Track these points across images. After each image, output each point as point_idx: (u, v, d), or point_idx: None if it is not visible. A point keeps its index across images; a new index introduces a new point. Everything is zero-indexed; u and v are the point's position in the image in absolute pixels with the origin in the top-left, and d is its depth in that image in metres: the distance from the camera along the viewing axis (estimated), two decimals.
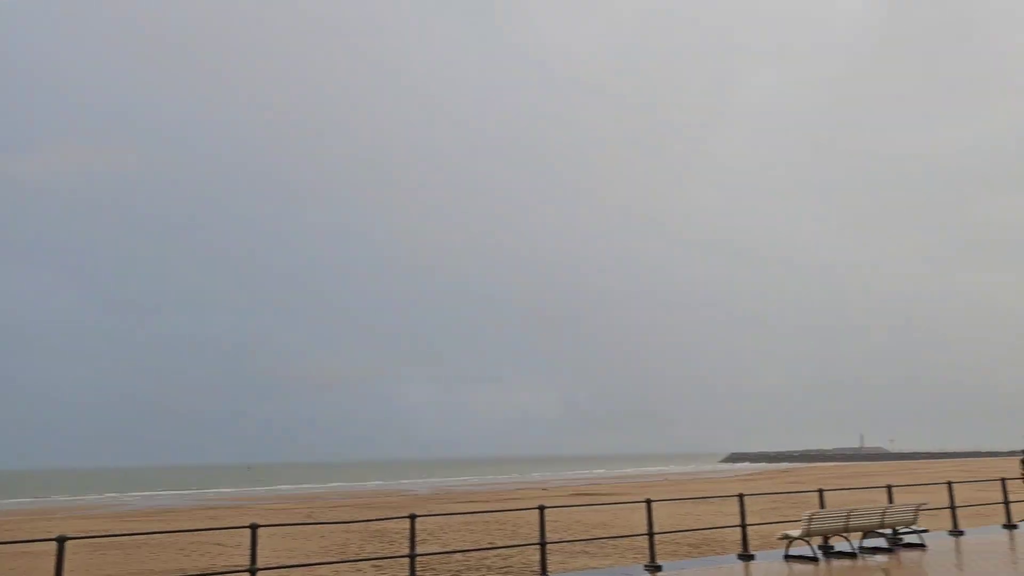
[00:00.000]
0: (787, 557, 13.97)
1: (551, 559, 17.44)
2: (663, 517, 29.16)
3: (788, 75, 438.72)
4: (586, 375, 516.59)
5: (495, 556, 19.44)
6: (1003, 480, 18.97)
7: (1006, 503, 18.36)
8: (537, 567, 12.71)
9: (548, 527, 13.29)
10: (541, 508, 12.73)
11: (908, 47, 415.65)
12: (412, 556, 11.63)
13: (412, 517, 11.80)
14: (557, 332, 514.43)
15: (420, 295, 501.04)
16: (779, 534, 14.59)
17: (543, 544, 12.44)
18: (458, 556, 19.43)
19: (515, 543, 22.05)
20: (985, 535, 16.88)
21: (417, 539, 11.98)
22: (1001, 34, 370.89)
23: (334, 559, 19.63)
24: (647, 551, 13.54)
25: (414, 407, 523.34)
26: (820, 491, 16.33)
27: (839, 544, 14.80)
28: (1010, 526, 17.81)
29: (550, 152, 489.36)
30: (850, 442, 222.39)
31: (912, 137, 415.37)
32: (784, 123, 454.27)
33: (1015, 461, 18.54)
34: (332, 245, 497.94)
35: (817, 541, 14.59)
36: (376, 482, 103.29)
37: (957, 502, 17.60)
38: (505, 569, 17.59)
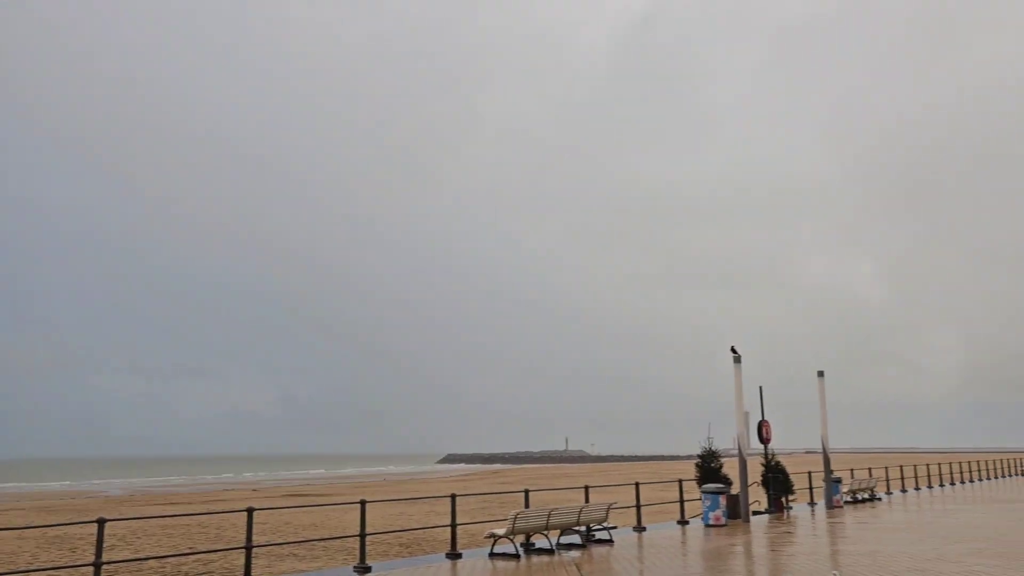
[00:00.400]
0: (492, 555, 14.57)
1: (257, 563, 16.71)
2: (377, 518, 29.19)
3: (528, 95, 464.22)
4: (308, 372, 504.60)
5: (195, 561, 18.24)
6: (680, 481, 21.36)
7: (681, 502, 20.70)
8: (241, 572, 12.09)
9: (256, 530, 12.71)
10: (249, 510, 12.13)
11: (638, 85, 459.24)
12: (97, 565, 10.51)
13: (100, 521, 10.68)
14: (279, 327, 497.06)
15: (123, 279, 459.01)
16: (486, 533, 15.20)
17: (248, 548, 11.86)
18: (152, 563, 17.97)
19: (218, 547, 20.85)
20: (663, 530, 18.87)
21: (105, 545, 10.86)
22: (714, 89, 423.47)
23: None
24: (358, 552, 13.44)
25: (112, 400, 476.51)
26: (526, 491, 17.26)
27: (540, 541, 15.74)
28: (683, 522, 20.09)
29: (290, 147, 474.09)
30: (556, 445, 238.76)
31: (632, 166, 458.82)
32: (522, 140, 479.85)
33: (691, 464, 21.27)
34: (15, 218, 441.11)
35: (520, 539, 15.40)
36: (62, 482, 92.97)
37: (642, 501, 19.52)
38: (205, 575, 16.57)
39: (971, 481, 41.61)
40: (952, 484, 38.76)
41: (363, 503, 13.79)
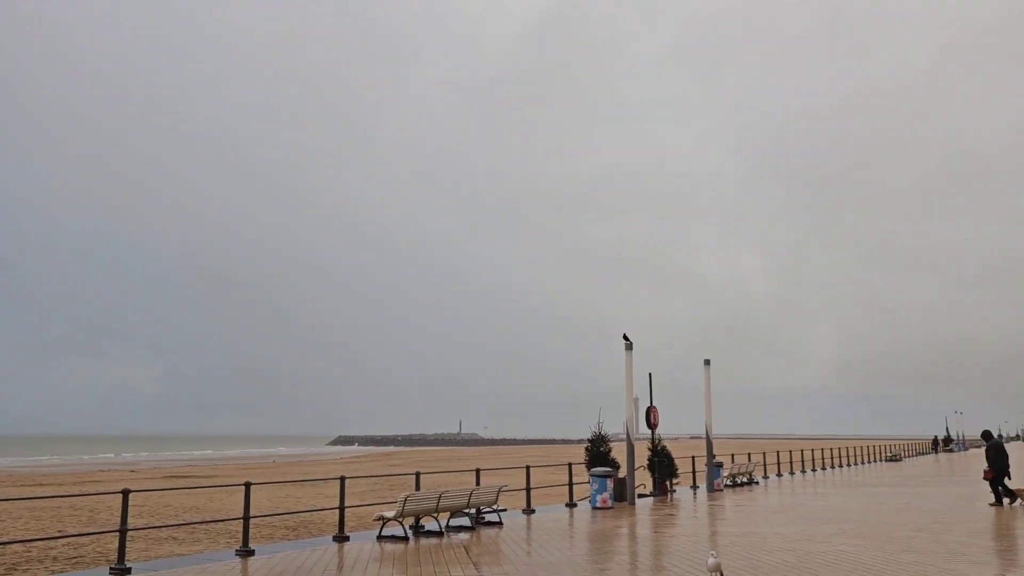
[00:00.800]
0: (380, 537, 14.46)
1: (133, 546, 16.03)
2: (263, 500, 28.53)
3: (440, 82, 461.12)
4: (198, 350, 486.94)
5: (65, 545, 17.36)
6: (570, 465, 21.74)
7: (570, 485, 21.08)
8: (115, 556, 11.56)
9: (133, 512, 12.18)
10: (125, 492, 11.62)
11: (554, 77, 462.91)
12: None
13: None
14: (164, 296, 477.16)
15: None
16: (375, 515, 15.07)
17: (123, 531, 11.36)
18: (17, 547, 16.98)
19: (90, 531, 19.90)
20: (551, 513, 19.19)
21: None
22: (626, 84, 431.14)
23: None
24: (241, 535, 13.09)
25: None
26: (417, 474, 17.21)
27: (429, 524, 15.73)
28: (571, 505, 20.48)
29: (224, 128, 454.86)
30: (450, 428, 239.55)
31: (544, 157, 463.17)
32: (442, 129, 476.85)
33: (582, 447, 21.96)
34: None
35: (410, 521, 15.34)
36: None
37: (532, 484, 19.77)
38: (75, 560, 15.78)
39: (840, 466, 44.14)
40: (823, 469, 41.01)
41: (248, 485, 13.42)
